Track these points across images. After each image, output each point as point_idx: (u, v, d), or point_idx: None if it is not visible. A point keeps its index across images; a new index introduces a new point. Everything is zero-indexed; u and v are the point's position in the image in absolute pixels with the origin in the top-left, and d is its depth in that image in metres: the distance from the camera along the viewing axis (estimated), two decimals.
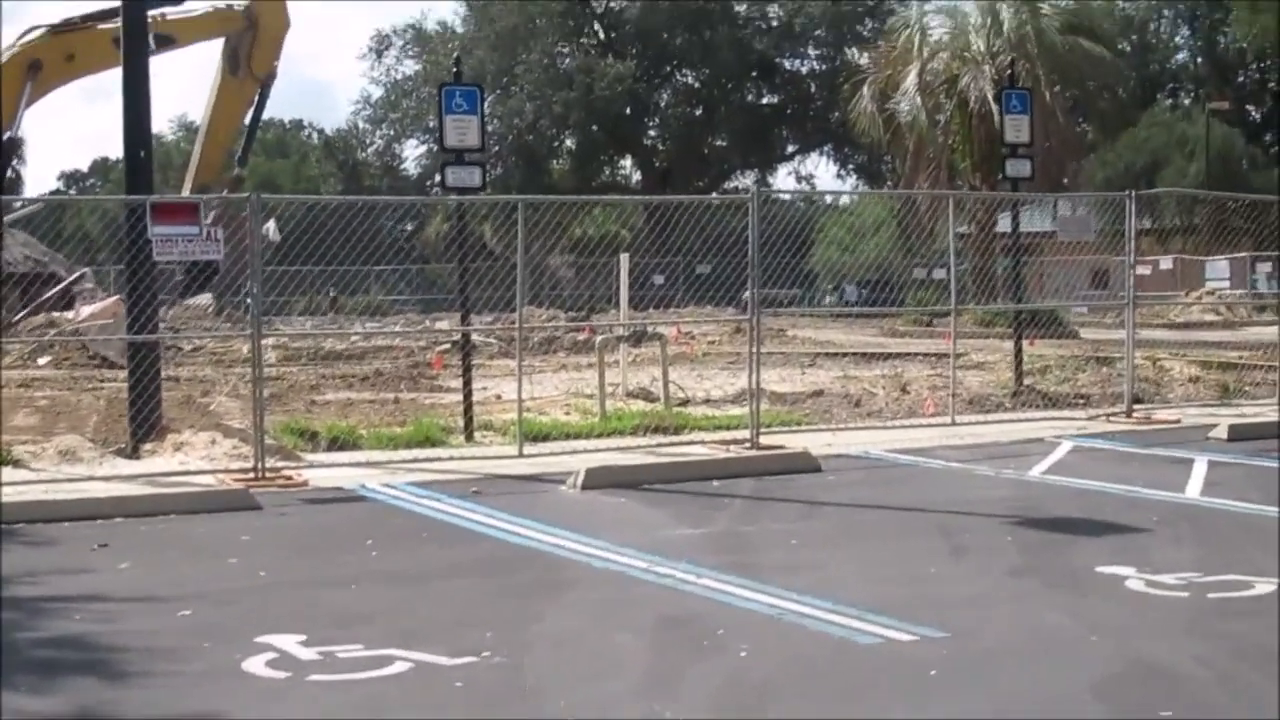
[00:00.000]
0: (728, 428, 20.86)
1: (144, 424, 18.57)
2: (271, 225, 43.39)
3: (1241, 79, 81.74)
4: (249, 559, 13.01)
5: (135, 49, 19.30)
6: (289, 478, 16.97)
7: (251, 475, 16.81)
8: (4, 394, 25.41)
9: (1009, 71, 26.40)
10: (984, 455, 19.04)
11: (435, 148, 27.89)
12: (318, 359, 32.46)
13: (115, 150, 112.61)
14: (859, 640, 10.10)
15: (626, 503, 16.00)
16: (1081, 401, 23.86)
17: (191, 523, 14.73)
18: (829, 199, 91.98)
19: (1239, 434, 20.34)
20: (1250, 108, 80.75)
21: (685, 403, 23.66)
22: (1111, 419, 22.19)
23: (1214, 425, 20.97)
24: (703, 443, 19.65)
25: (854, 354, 32.60)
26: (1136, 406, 22.66)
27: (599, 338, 23.24)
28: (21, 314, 37.33)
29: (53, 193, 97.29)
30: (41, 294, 39.94)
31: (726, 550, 13.31)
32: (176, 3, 44.37)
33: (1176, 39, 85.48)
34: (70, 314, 35.67)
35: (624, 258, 24.36)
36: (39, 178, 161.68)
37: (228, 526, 14.51)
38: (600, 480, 16.75)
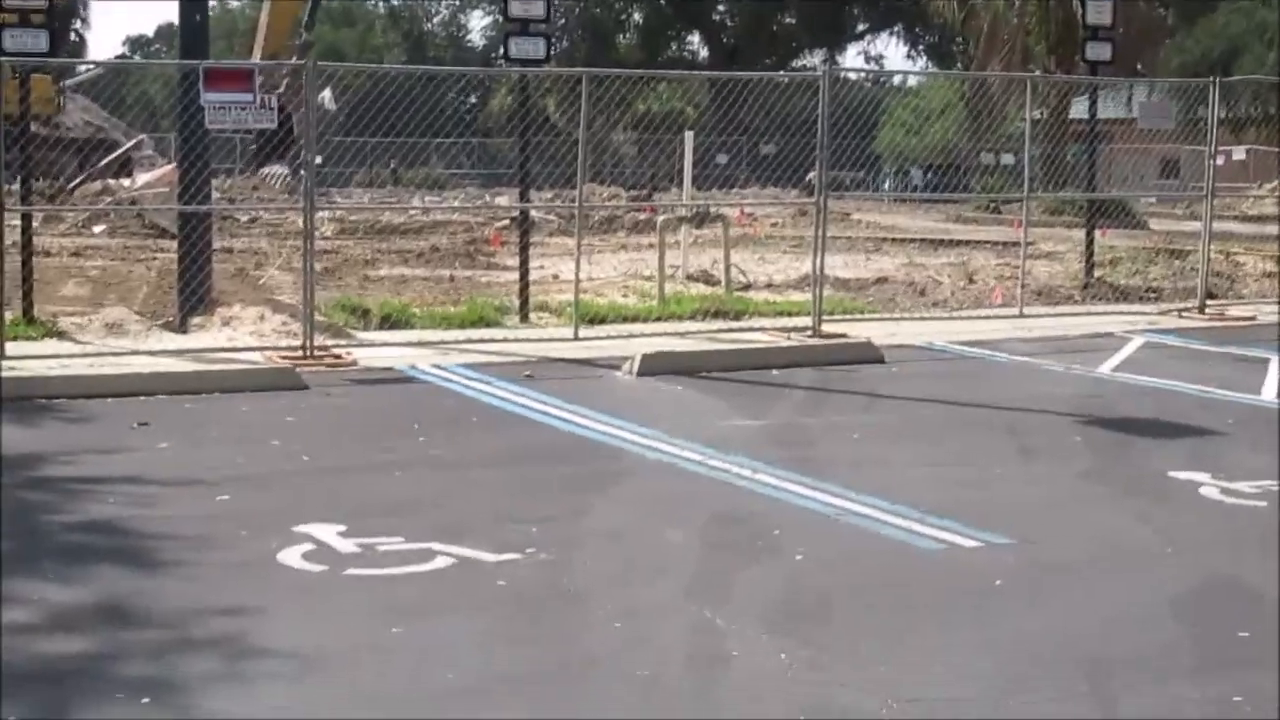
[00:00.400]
0: (789, 314, 20.38)
1: (193, 297, 18.23)
2: (327, 94, 42.82)
3: None
4: (292, 442, 12.63)
5: None
6: (338, 356, 16.57)
7: (299, 353, 16.42)
8: (55, 263, 25.23)
9: None
10: (1052, 349, 18.47)
11: (500, 19, 27.27)
12: (374, 233, 32.03)
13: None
14: (921, 545, 9.68)
15: (683, 390, 15.55)
16: (1153, 295, 23.18)
17: (235, 401, 14.37)
18: (896, 80, 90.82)
19: None
20: None
21: (747, 287, 23.15)
22: (1184, 314, 21.52)
23: None
24: (763, 329, 19.15)
25: (919, 240, 31.95)
26: (1210, 302, 21.96)
27: (660, 218, 22.71)
28: (78, 180, 37.04)
29: (118, 57, 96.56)
30: (100, 160, 39.60)
31: (785, 444, 12.87)
32: None
33: None
34: (127, 181, 35.32)
35: (688, 136, 23.76)
36: (105, 42, 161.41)
37: (272, 406, 14.13)
38: (656, 366, 16.29)
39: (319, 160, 57.14)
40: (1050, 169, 34.82)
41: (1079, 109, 42.11)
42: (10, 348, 16.04)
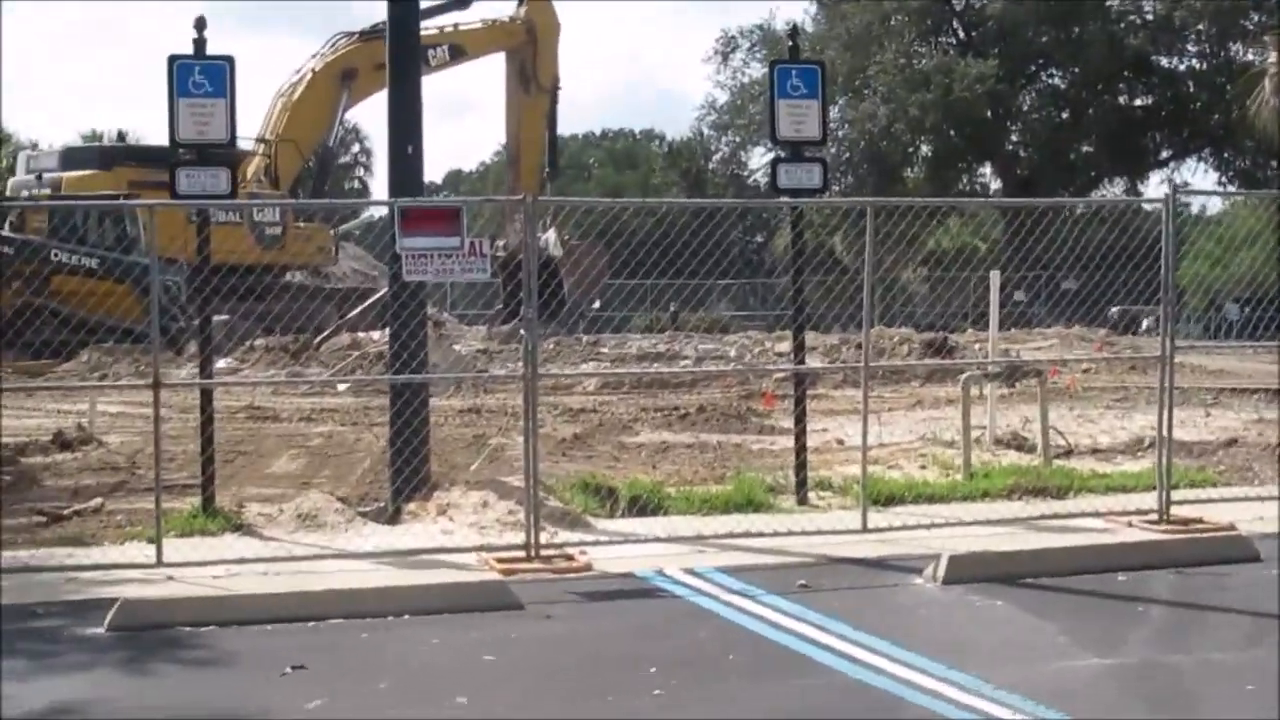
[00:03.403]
0: (1123, 488, 16.79)
1: (406, 482, 15.28)
2: (552, 235, 40.63)
3: None
4: (484, 698, 9.40)
5: (402, 35, 16.33)
6: (569, 558, 13.39)
7: (522, 554, 13.32)
8: (280, 429, 22.80)
9: None
10: None
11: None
12: (641, 387, 28.99)
13: (470, 162, 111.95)
14: None
15: (1003, 607, 11.98)
16: None
17: (426, 630, 11.17)
18: (1194, 208, 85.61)
19: None
20: None
21: (1067, 453, 19.48)
22: None
23: None
24: (1096, 513, 15.49)
25: (1263, 390, 27.58)
26: None
27: (964, 375, 19.19)
28: (324, 335, 34.78)
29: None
30: (348, 311, 37.65)
31: (1155, 699, 9.33)
32: (464, 6, 44.00)
33: None
34: (376, 334, 32.87)
35: (994, 275, 20.24)
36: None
37: (471, 638, 10.93)
38: (967, 572, 12.76)
39: (596, 305, 55.15)
40: None
41: None
42: (177, 548, 13.31)
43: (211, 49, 14.67)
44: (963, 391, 18.36)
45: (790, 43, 17.36)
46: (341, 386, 28.04)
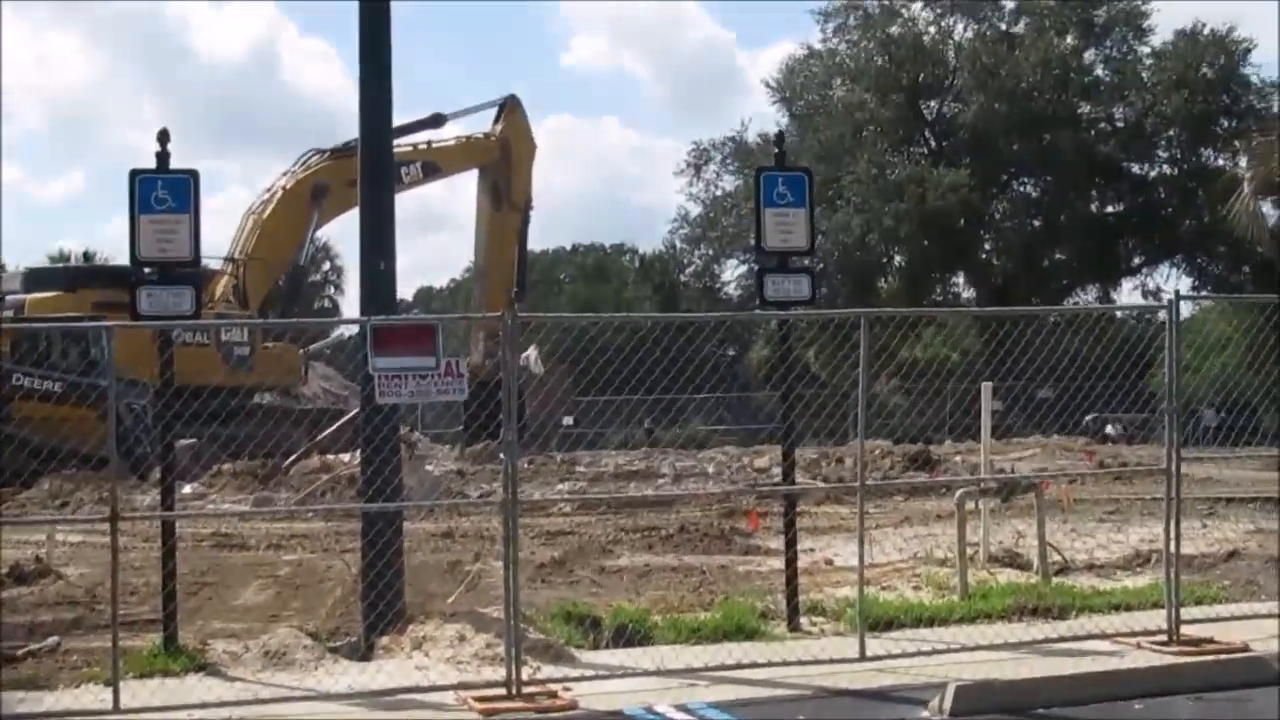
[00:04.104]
0: (1126, 606, 16.19)
1: (380, 616, 14.54)
2: (533, 354, 40.07)
3: None
4: None
5: (375, 152, 15.71)
6: (553, 695, 12.64)
7: (503, 690, 12.59)
8: (247, 558, 22.10)
9: None
10: None
11: (755, 266, 23.55)
12: (619, 507, 28.18)
13: (441, 279, 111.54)
14: None
15: None
16: None
17: None
18: (1161, 316, 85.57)
19: None
20: None
21: (1064, 570, 18.84)
22: None
23: None
24: (1102, 634, 14.79)
25: (1258, 499, 26.86)
26: None
27: (959, 492, 18.57)
28: (293, 458, 33.98)
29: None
30: (317, 434, 36.88)
31: None
32: (438, 125, 44.08)
33: None
34: (346, 457, 32.05)
35: (986, 387, 19.65)
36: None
37: None
38: (974, 703, 12.08)
39: (568, 421, 54.40)
40: None
41: None
42: (135, 691, 12.55)
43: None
44: (958, 508, 17.74)
45: (776, 149, 16.85)
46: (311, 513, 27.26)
